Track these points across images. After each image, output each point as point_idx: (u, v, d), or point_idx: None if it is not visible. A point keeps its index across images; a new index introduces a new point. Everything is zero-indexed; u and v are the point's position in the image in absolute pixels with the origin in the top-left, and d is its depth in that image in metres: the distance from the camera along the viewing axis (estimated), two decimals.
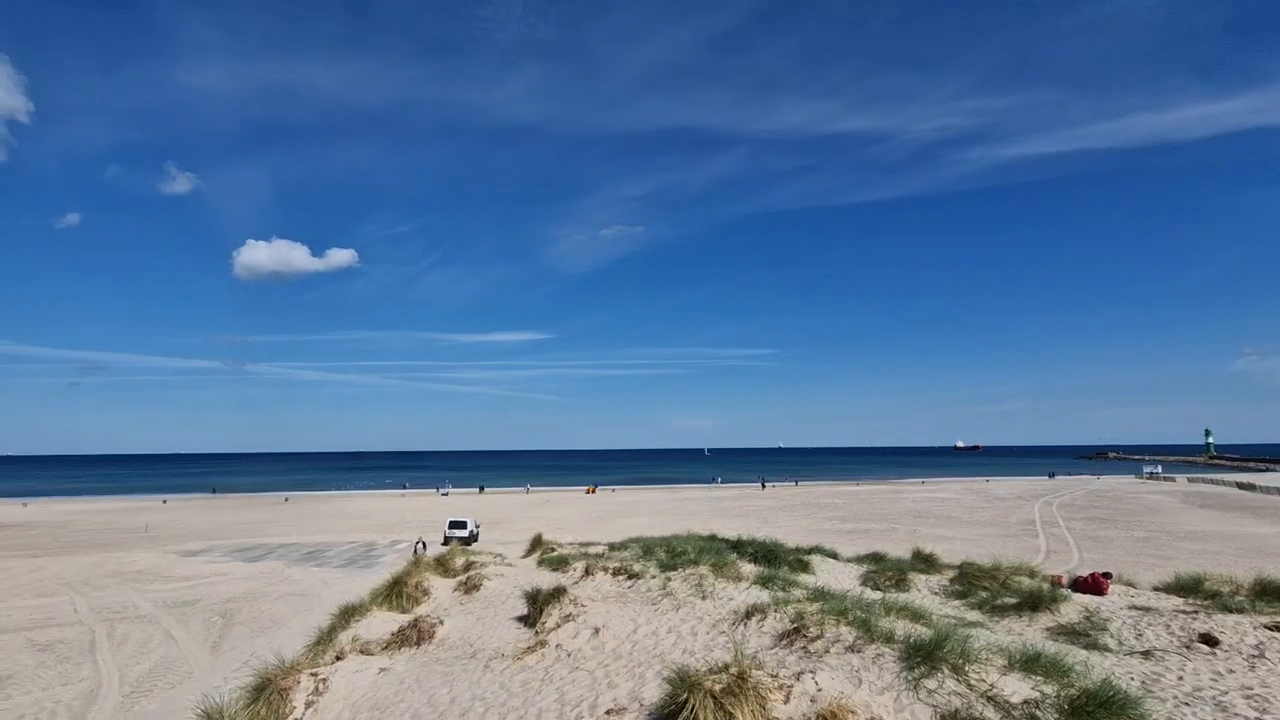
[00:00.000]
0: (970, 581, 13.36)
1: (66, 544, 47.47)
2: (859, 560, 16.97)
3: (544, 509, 70.79)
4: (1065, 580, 13.06)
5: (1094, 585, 12.27)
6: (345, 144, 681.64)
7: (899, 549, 19.55)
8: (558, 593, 11.40)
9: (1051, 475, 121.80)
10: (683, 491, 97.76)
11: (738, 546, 16.16)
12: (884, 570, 14.67)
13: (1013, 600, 11.88)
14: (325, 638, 12.82)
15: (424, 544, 28.73)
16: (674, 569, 12.71)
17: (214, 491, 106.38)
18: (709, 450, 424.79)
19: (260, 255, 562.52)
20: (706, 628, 10.14)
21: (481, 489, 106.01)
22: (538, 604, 11.38)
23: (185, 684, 16.70)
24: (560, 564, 15.95)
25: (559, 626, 10.50)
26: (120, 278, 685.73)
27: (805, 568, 15.27)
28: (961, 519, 58.56)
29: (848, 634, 7.57)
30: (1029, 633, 10.48)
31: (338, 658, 10.62)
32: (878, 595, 11.81)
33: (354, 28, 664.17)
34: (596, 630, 10.02)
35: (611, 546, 18.02)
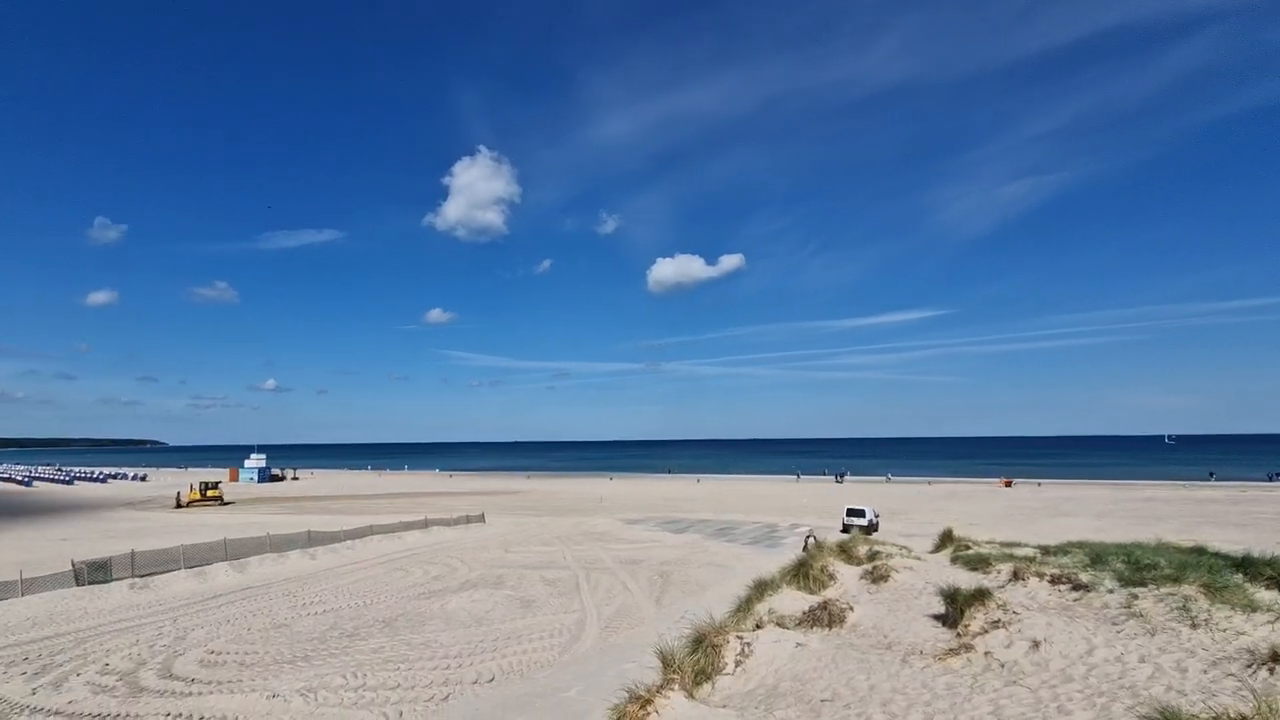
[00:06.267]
0: None
1: (553, 508, 63.15)
2: None
3: (948, 501, 64.83)
4: None
5: None
6: (724, 154, 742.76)
7: None
8: (981, 595, 10.25)
9: None
10: (1138, 489, 77.47)
11: (1244, 565, 12.06)
12: None
13: None
14: (744, 606, 14.11)
15: (814, 537, 29.12)
16: (1140, 585, 10.20)
17: (669, 472, 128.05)
18: (1171, 437, 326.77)
19: (667, 270, 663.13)
20: (1202, 665, 7.85)
21: (839, 476, 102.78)
22: (957, 604, 10.44)
23: (640, 627, 20.37)
24: (979, 563, 14.36)
25: (986, 632, 9.44)
26: (576, 304, 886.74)
27: None
28: None
29: None
30: None
31: (757, 626, 11.56)
32: None
33: (721, 44, 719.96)
34: (1036, 643, 8.69)
35: (1044, 550, 15.41)
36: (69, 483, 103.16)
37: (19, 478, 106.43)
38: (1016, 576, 12.18)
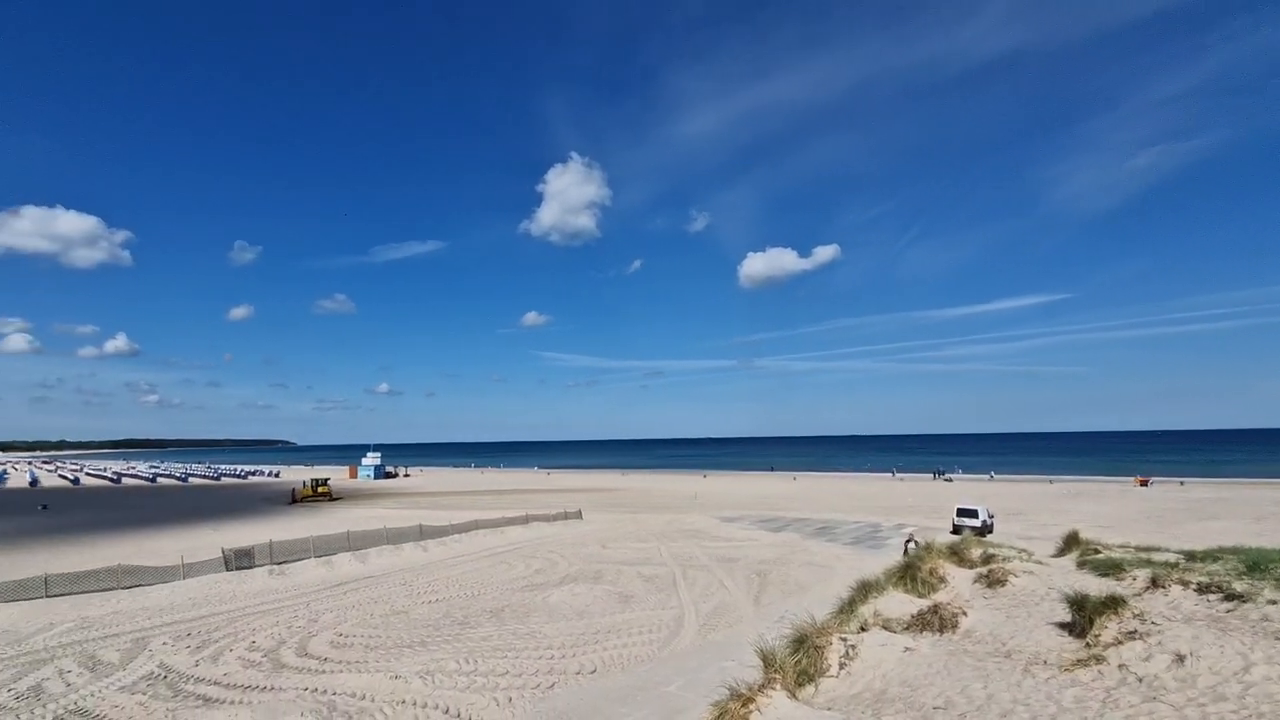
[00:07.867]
0: None
1: (649, 505, 63.73)
2: None
3: (1072, 502, 59.84)
4: None
5: None
6: (815, 142, 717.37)
7: None
8: (1114, 602, 9.45)
9: None
10: None
11: None
12: None
13: None
14: (847, 608, 13.68)
15: (915, 541, 27.54)
16: None
17: (772, 469, 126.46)
18: None
19: (758, 265, 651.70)
20: None
21: (940, 474, 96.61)
22: (1086, 611, 9.67)
23: (738, 626, 20.23)
24: (1110, 569, 13.19)
25: (1119, 643, 8.69)
26: (668, 302, 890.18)
27: None
28: None
29: None
30: None
31: (862, 628, 11.20)
32: None
33: (807, 29, 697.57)
34: (1180, 657, 7.91)
35: (1189, 556, 13.95)
36: (216, 478, 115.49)
37: (177, 474, 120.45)
38: (1155, 584, 11.08)
